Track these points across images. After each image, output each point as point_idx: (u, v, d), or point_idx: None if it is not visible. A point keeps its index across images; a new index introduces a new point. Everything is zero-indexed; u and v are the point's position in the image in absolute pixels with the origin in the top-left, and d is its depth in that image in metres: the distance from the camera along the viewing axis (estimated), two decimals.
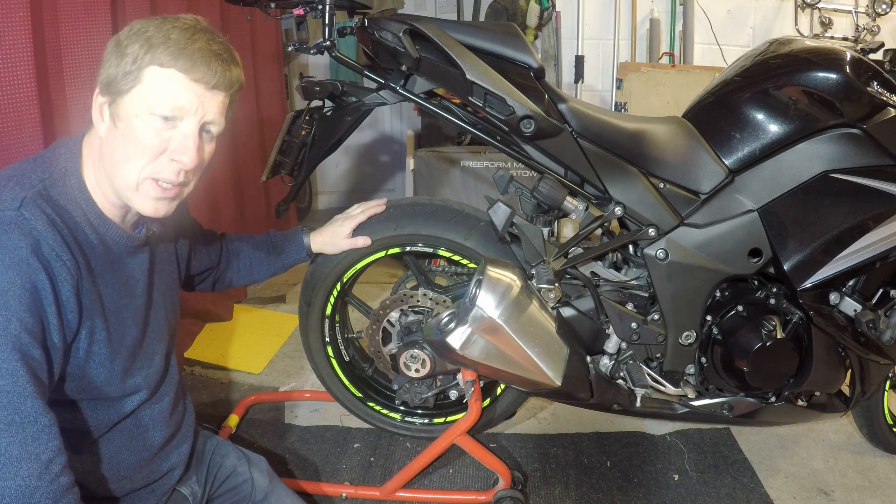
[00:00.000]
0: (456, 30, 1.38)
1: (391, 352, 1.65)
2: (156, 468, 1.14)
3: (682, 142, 1.49)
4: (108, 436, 1.07)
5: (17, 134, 1.36)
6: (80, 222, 0.96)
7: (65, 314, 0.91)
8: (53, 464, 0.85)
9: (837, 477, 1.75)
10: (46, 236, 0.89)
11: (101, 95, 0.96)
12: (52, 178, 0.95)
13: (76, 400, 1.01)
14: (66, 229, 0.93)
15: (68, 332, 0.93)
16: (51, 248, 0.89)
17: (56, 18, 1.53)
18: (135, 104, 0.93)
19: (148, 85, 0.93)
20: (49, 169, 0.96)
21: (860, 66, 1.42)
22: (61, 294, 0.90)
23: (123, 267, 1.05)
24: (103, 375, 1.00)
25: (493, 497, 1.57)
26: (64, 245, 0.91)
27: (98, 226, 0.99)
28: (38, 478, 0.83)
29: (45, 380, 0.88)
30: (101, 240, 0.99)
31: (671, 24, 3.51)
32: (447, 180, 2.99)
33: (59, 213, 0.93)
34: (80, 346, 0.96)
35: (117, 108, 0.94)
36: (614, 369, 1.55)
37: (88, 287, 0.95)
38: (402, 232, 1.56)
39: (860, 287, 1.50)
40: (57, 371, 0.92)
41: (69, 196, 0.96)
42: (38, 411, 0.85)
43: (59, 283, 0.90)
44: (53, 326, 0.89)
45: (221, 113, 1.00)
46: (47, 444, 0.85)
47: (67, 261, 0.91)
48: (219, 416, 1.90)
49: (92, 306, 0.96)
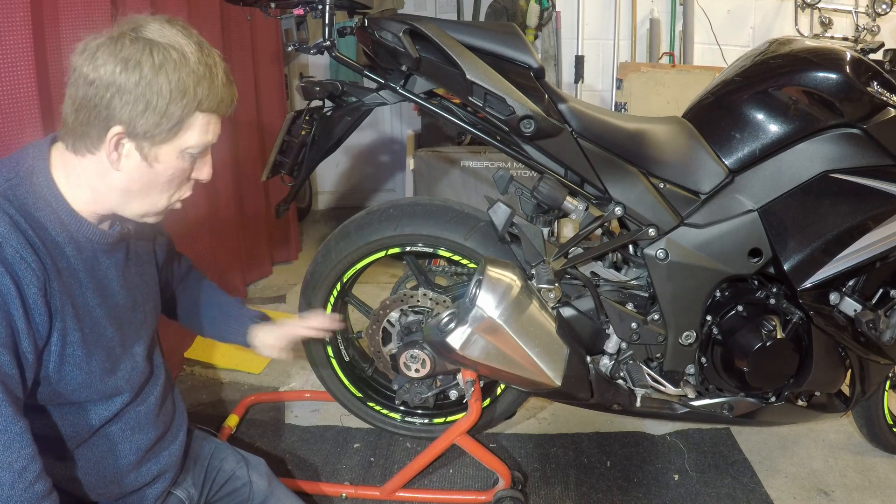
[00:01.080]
0: (456, 30, 1.38)
1: (391, 352, 1.65)
2: (145, 471, 1.12)
3: (682, 142, 1.49)
4: (92, 440, 1.05)
5: (17, 134, 1.36)
6: (46, 222, 0.94)
7: (33, 318, 0.89)
8: (27, 472, 0.84)
9: (837, 477, 1.75)
10: (9, 239, 0.87)
11: (127, 137, 0.93)
12: (18, 178, 0.93)
13: (55, 406, 0.99)
14: (31, 230, 0.91)
15: (38, 336, 0.91)
16: (14, 250, 0.87)
17: (56, 18, 1.53)
18: (178, 147, 0.96)
19: (192, 131, 0.96)
20: (15, 168, 0.94)
21: (860, 66, 1.42)
22: (28, 297, 0.88)
23: (97, 266, 1.02)
24: (80, 377, 0.98)
25: (493, 497, 1.57)
26: (28, 247, 0.89)
27: (69, 224, 0.97)
28: (11, 487, 0.82)
29: (16, 387, 0.87)
30: (71, 238, 0.97)
31: (671, 24, 3.51)
32: (447, 180, 2.99)
33: (24, 213, 0.91)
34: (53, 349, 0.94)
35: (155, 151, 0.95)
36: (614, 369, 1.55)
37: (57, 288, 0.93)
38: (402, 232, 1.56)
39: (860, 287, 1.50)
40: (30, 377, 0.90)
41: (37, 195, 0.94)
42: (8, 419, 0.83)
43: (24, 286, 0.87)
44: (22, 331, 0.87)
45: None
46: (20, 453, 0.84)
47: (32, 262, 0.88)
48: (219, 417, 1.90)
49: (62, 308, 0.94)
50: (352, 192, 4.53)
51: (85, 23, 1.59)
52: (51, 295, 0.92)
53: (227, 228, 2.67)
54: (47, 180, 0.96)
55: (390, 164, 4.52)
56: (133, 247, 1.13)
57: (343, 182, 4.54)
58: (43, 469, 0.87)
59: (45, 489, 0.86)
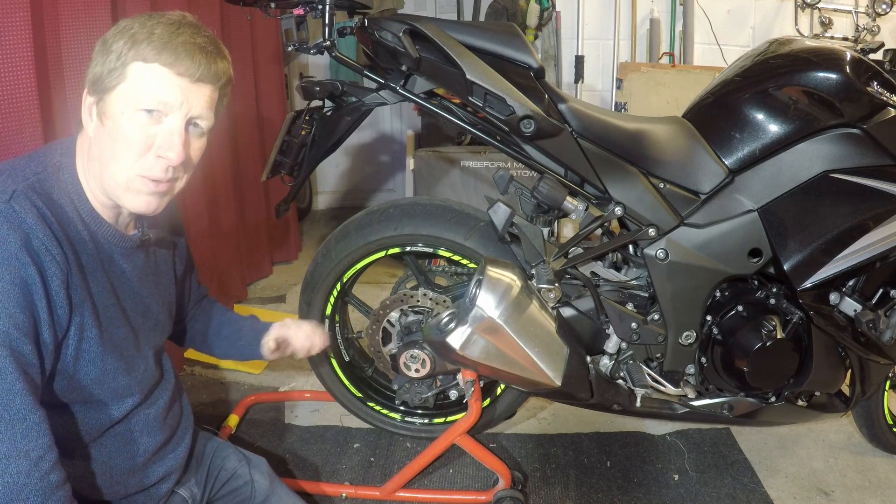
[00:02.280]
0: (456, 30, 1.38)
1: (391, 352, 1.65)
2: (151, 473, 1.13)
3: (682, 142, 1.49)
4: (101, 440, 1.05)
5: (17, 134, 1.36)
6: (71, 217, 0.95)
7: (55, 309, 0.90)
8: (43, 461, 0.85)
9: (837, 477, 1.75)
10: (36, 230, 0.88)
11: (89, 95, 0.95)
12: (45, 172, 0.94)
13: (68, 403, 1.00)
14: (57, 223, 0.92)
15: (59, 327, 0.92)
16: (41, 242, 0.88)
17: (56, 18, 1.53)
18: (120, 101, 0.93)
19: (132, 81, 0.92)
20: (43, 163, 0.96)
21: (860, 66, 1.42)
22: (51, 289, 0.89)
23: (114, 267, 1.03)
24: (94, 373, 0.99)
25: (493, 497, 1.57)
26: (54, 239, 0.90)
27: (90, 223, 0.98)
28: (27, 475, 0.83)
29: (36, 376, 0.88)
30: (92, 237, 0.98)
31: (671, 24, 3.50)
32: (447, 180, 2.99)
33: (51, 206, 0.92)
34: (70, 342, 0.95)
35: (104, 107, 0.94)
36: (614, 369, 1.55)
37: (78, 283, 0.94)
38: (402, 232, 1.56)
39: (860, 287, 1.49)
40: (48, 368, 0.91)
41: (62, 190, 0.95)
42: (28, 408, 0.84)
43: (48, 277, 0.89)
44: (44, 322, 0.88)
45: (209, 107, 0.99)
46: (37, 441, 0.84)
47: (57, 255, 0.90)
48: (219, 416, 1.90)
49: (81, 302, 0.95)
50: (352, 192, 4.53)
51: (85, 23, 1.59)
52: (72, 288, 0.93)
53: (227, 228, 2.67)
54: (73, 177, 0.97)
55: (390, 164, 4.52)
56: (153, 255, 1.14)
57: (343, 182, 4.54)
58: (58, 459, 0.88)
59: (60, 479, 0.87)
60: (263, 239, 3.05)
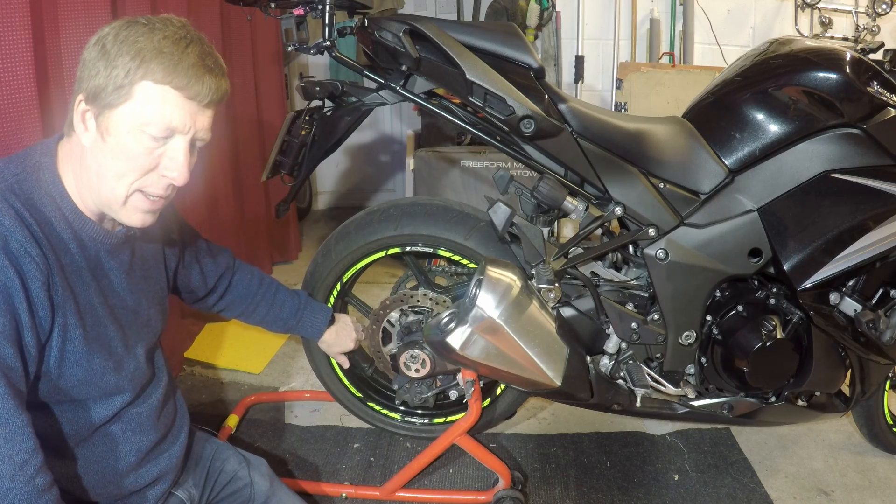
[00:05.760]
0: (456, 30, 1.38)
1: (391, 352, 1.65)
2: (145, 473, 1.12)
3: (682, 142, 1.49)
4: (92, 440, 1.05)
5: (17, 134, 1.36)
6: (51, 218, 0.94)
7: (36, 311, 0.89)
8: (28, 465, 0.84)
9: (837, 477, 1.75)
10: (14, 232, 0.87)
11: (85, 103, 0.93)
12: (24, 172, 0.93)
13: (56, 403, 0.99)
14: (36, 224, 0.91)
15: (41, 329, 0.91)
16: (19, 244, 0.87)
17: (56, 18, 1.52)
18: (126, 120, 0.91)
19: (140, 101, 0.91)
20: (23, 164, 0.94)
21: (860, 66, 1.42)
22: (31, 291, 0.88)
23: (100, 265, 1.02)
24: (80, 374, 0.98)
25: (493, 497, 1.57)
26: (33, 241, 0.89)
27: (73, 221, 0.97)
28: (12, 480, 0.82)
29: (19, 380, 0.87)
30: (75, 236, 0.97)
31: (671, 24, 3.51)
32: (447, 180, 2.99)
33: (30, 207, 0.91)
34: (54, 343, 0.94)
35: (106, 122, 0.92)
36: (614, 369, 1.55)
37: (60, 283, 0.93)
38: (402, 232, 1.56)
39: (860, 287, 1.50)
40: (32, 371, 0.90)
41: (43, 190, 0.94)
42: (10, 412, 0.83)
43: (28, 279, 0.88)
44: (26, 325, 0.87)
45: (210, 127, 1.00)
46: (20, 446, 0.84)
47: (36, 256, 0.89)
48: (219, 417, 1.90)
49: (64, 303, 0.94)
50: (352, 192, 4.53)
51: (85, 23, 1.59)
52: (53, 289, 0.92)
53: (227, 228, 2.67)
54: (53, 176, 0.96)
55: (390, 164, 4.52)
56: (139, 250, 1.13)
57: (343, 182, 4.54)
58: (44, 463, 0.87)
59: (46, 483, 0.86)
60: (263, 239, 3.05)
